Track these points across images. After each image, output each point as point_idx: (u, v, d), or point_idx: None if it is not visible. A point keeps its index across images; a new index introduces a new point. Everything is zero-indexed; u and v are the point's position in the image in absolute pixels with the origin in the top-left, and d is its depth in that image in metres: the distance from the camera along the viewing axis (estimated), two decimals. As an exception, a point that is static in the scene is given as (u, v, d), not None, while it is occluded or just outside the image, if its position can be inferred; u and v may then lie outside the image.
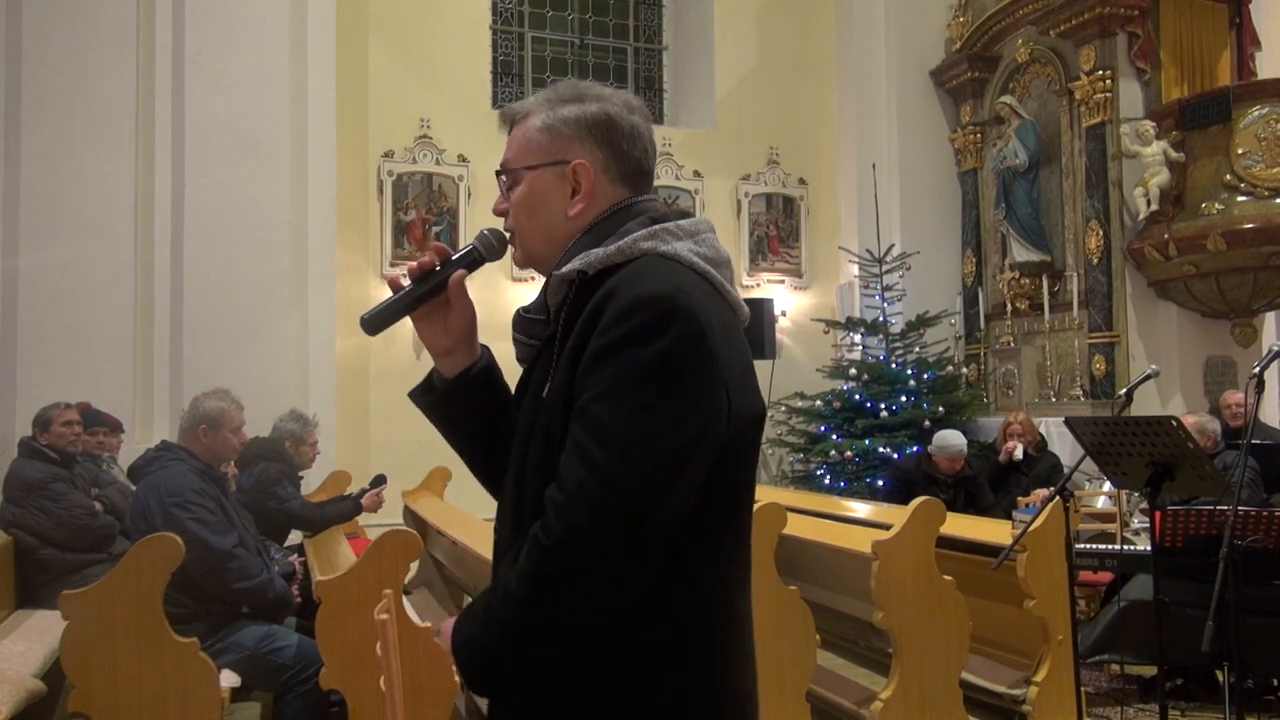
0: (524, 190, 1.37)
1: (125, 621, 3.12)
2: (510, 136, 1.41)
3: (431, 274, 1.39)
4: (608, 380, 1.18)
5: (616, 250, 1.28)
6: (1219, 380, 7.04)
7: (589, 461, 1.15)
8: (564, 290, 1.33)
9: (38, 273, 5.81)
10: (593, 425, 1.17)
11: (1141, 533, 4.79)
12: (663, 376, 1.17)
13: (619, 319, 1.19)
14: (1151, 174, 6.76)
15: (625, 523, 1.15)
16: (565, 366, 1.25)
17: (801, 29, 8.93)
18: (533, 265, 1.42)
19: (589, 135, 1.35)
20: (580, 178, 1.35)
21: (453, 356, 1.44)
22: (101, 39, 6.02)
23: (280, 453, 5.13)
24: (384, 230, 7.56)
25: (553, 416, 1.26)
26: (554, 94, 1.39)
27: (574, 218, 1.35)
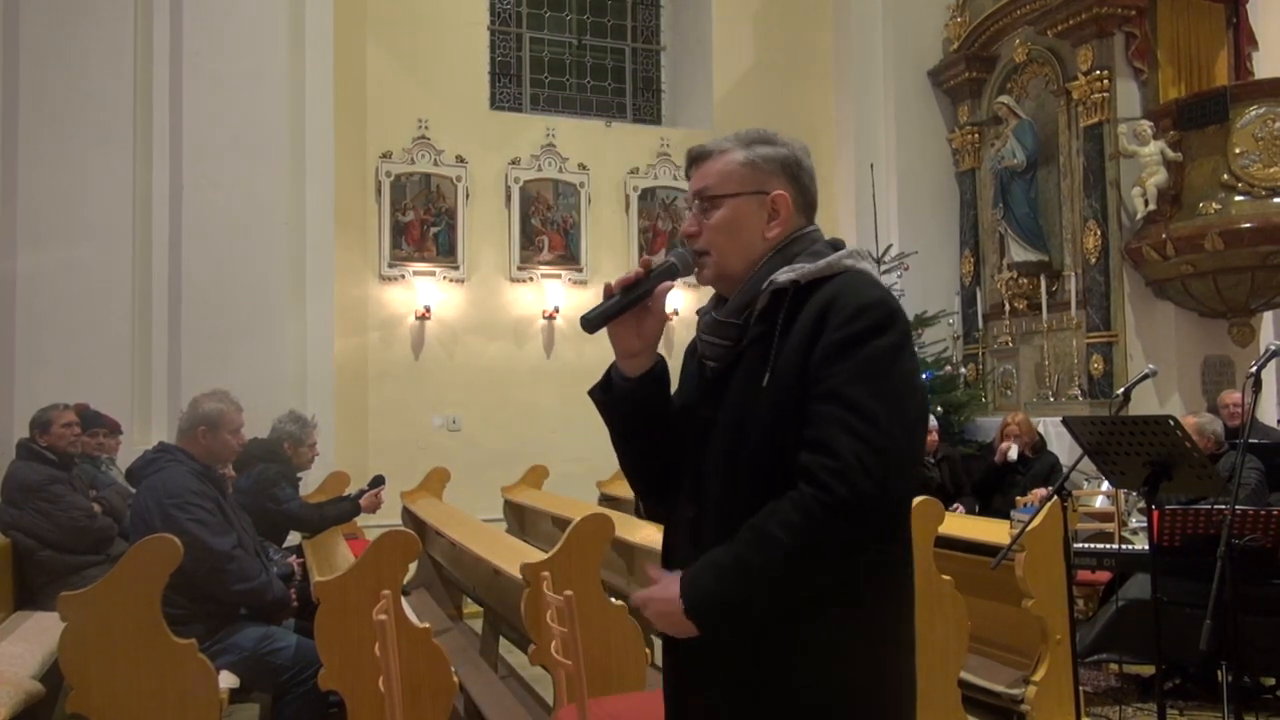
0: (726, 214, 1.60)
1: (124, 623, 3.12)
2: (704, 169, 1.63)
3: (639, 283, 1.58)
4: (855, 368, 1.42)
5: (825, 265, 1.53)
6: (1217, 380, 7.05)
7: (860, 435, 1.38)
8: (775, 298, 1.53)
9: (35, 273, 5.81)
10: (852, 405, 1.40)
11: (1139, 532, 4.79)
12: (896, 364, 1.44)
13: (853, 317, 1.44)
14: (1149, 174, 6.77)
15: (894, 485, 1.40)
16: (792, 358, 1.47)
17: (799, 29, 8.94)
18: (720, 281, 1.63)
19: (783, 172, 1.62)
20: (779, 206, 1.60)
21: (638, 359, 1.63)
22: (99, 39, 6.02)
23: (279, 454, 5.12)
24: (382, 231, 7.56)
25: (778, 400, 1.47)
26: (746, 136, 1.63)
27: (769, 240, 1.60)
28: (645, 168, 8.39)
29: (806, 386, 1.45)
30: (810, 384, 1.44)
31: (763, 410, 1.49)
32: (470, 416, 7.70)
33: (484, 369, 7.77)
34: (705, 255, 1.61)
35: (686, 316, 8.22)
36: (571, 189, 8.11)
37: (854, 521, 1.38)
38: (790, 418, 1.45)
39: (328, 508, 5.27)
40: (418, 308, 7.55)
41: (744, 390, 1.52)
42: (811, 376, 1.44)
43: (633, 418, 1.66)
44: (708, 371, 1.63)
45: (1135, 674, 4.72)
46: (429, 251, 7.67)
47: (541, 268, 7.98)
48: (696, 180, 1.63)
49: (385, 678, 2.40)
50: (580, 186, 8.13)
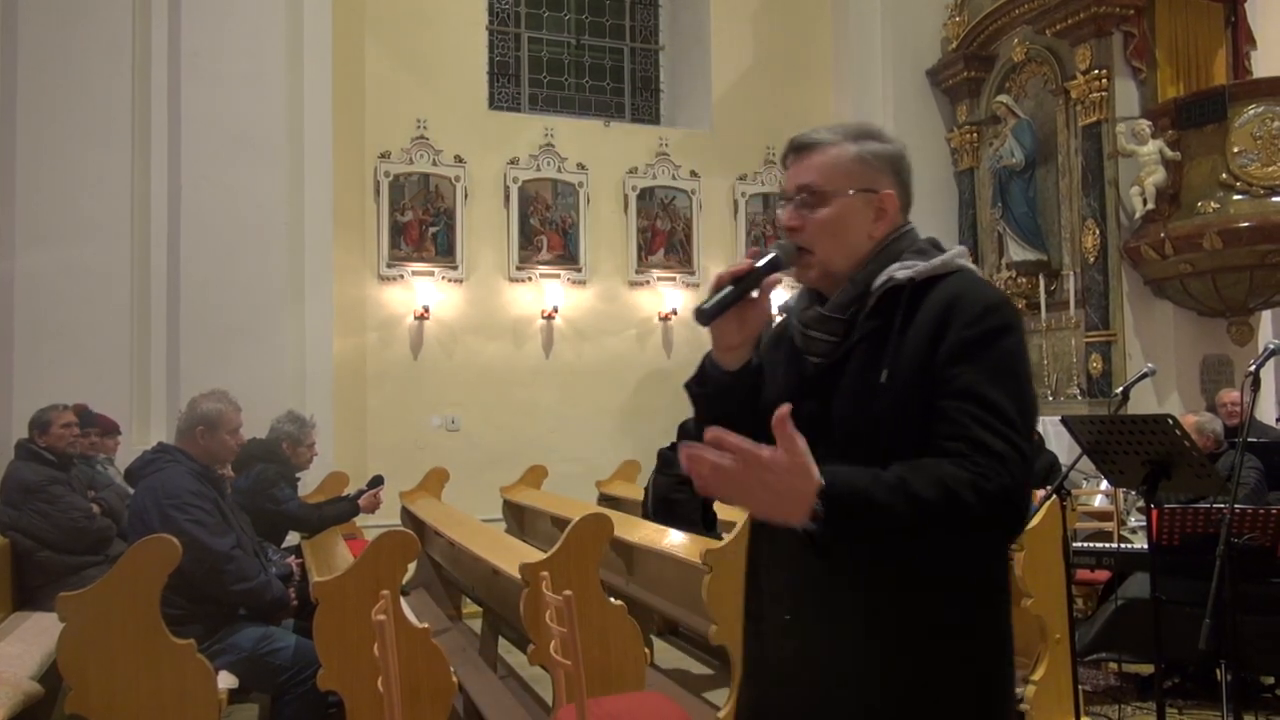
0: (834, 211, 1.56)
1: (122, 623, 3.12)
2: (809, 161, 1.59)
3: (748, 275, 1.55)
4: (989, 368, 1.43)
5: (940, 264, 1.53)
6: (1215, 379, 7.05)
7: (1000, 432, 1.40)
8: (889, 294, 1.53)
9: (34, 274, 5.81)
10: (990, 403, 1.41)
11: (1138, 531, 4.80)
12: (1021, 363, 1.48)
13: (981, 317, 1.45)
14: (1148, 173, 6.77)
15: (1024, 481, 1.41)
16: (913, 354, 1.47)
17: (798, 29, 8.94)
18: (822, 279, 1.60)
19: (890, 169, 1.60)
20: (886, 205, 1.58)
21: (737, 351, 1.61)
22: (97, 39, 6.02)
23: (277, 454, 5.12)
24: (380, 231, 7.56)
25: (900, 395, 1.46)
26: (855, 130, 1.61)
27: (874, 239, 1.58)
28: (644, 167, 8.39)
29: (930, 383, 1.45)
30: (939, 381, 1.45)
31: (881, 405, 1.48)
32: (469, 416, 7.70)
33: (483, 369, 7.77)
34: (808, 252, 1.58)
35: (686, 317, 8.23)
36: (570, 189, 8.11)
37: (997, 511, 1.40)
38: (909, 413, 1.46)
39: (326, 508, 5.27)
40: (416, 308, 7.55)
41: (858, 386, 1.51)
42: (940, 373, 1.45)
43: (729, 411, 1.58)
44: (808, 367, 1.60)
45: (1134, 673, 4.72)
46: (428, 251, 7.67)
47: (540, 267, 7.98)
48: (801, 172, 1.59)
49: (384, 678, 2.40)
50: (579, 186, 8.13)
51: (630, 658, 3.46)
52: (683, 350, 8.25)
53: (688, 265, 8.42)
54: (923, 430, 1.45)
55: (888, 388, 1.47)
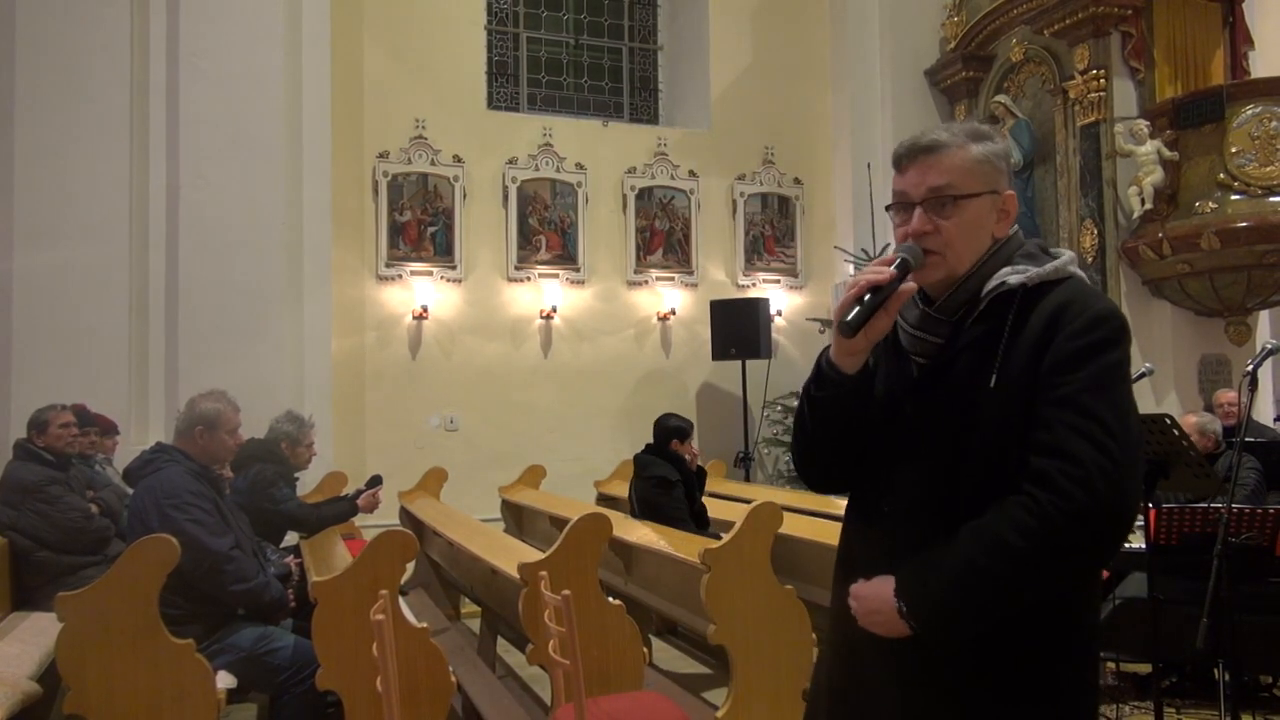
0: (969, 214, 1.56)
1: (121, 623, 3.12)
2: (936, 164, 1.56)
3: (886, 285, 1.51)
4: (1092, 378, 1.43)
5: (1053, 270, 1.52)
6: (1213, 379, 7.06)
7: (1099, 445, 1.39)
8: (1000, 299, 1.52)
9: (32, 274, 5.80)
10: (1091, 413, 1.41)
11: (1136, 530, 4.80)
12: (1125, 377, 1.47)
13: (1090, 327, 1.45)
14: (1145, 173, 6.78)
15: (1131, 495, 1.41)
16: (1022, 361, 1.47)
17: (796, 29, 8.94)
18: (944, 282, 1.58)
19: (1007, 169, 1.61)
20: (1009, 206, 1.60)
21: (858, 357, 1.57)
22: (96, 39, 6.01)
23: (276, 454, 5.12)
24: (379, 231, 7.55)
25: (1008, 402, 1.46)
26: (971, 131, 1.60)
27: (997, 239, 1.58)
28: (642, 167, 8.39)
29: (1035, 390, 1.45)
30: (1041, 388, 1.45)
31: (989, 411, 1.48)
32: (468, 416, 7.70)
33: (481, 369, 7.77)
34: (935, 254, 1.56)
35: (684, 317, 8.24)
36: (569, 189, 8.11)
37: (1095, 528, 1.39)
38: (1016, 420, 1.45)
39: (325, 508, 5.27)
40: (415, 307, 7.55)
41: (966, 390, 1.51)
42: (1043, 381, 1.45)
43: (844, 413, 1.61)
44: (913, 369, 1.60)
45: (1132, 672, 4.72)
46: (426, 251, 7.67)
47: (539, 267, 7.99)
48: (926, 175, 1.56)
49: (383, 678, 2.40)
50: (578, 186, 8.14)
51: (629, 657, 3.47)
52: (681, 350, 8.26)
53: (686, 265, 8.42)
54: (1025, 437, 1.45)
55: (995, 394, 1.47)
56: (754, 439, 8.15)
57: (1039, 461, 1.41)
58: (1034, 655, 1.47)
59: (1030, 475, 1.42)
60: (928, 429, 1.53)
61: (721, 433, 8.19)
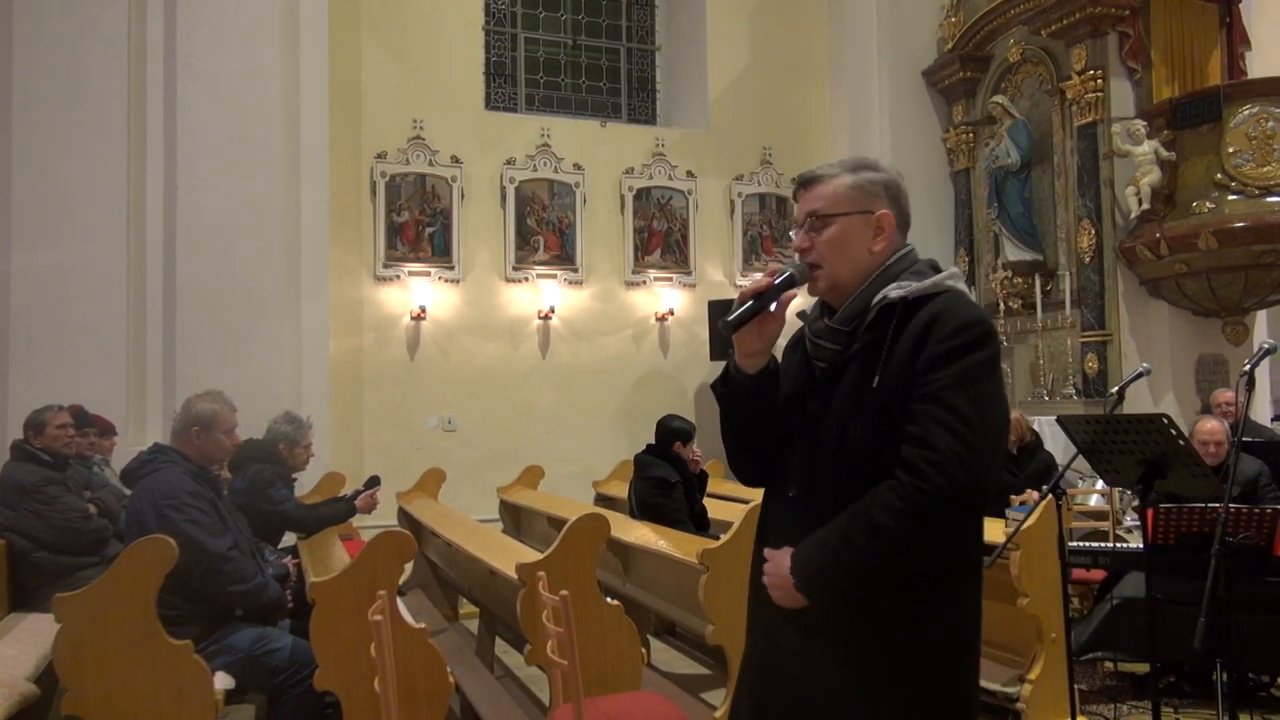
0: (836, 231, 1.80)
1: (119, 624, 3.11)
2: (814, 192, 1.84)
3: (767, 292, 1.77)
4: (954, 376, 1.63)
5: (931, 284, 1.73)
6: (1210, 378, 7.07)
7: (955, 433, 1.60)
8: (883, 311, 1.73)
9: (29, 274, 5.80)
10: (951, 407, 1.61)
11: (1134, 530, 4.81)
12: (990, 375, 1.66)
13: (957, 332, 1.65)
14: (1143, 173, 6.79)
15: (981, 477, 1.61)
16: (900, 365, 1.67)
17: (794, 29, 8.95)
18: (831, 292, 1.82)
19: (885, 193, 1.83)
20: (883, 224, 1.81)
21: (757, 358, 1.83)
22: (93, 41, 6.01)
23: (274, 454, 5.12)
24: (377, 231, 7.55)
25: (886, 401, 1.67)
26: (852, 162, 1.85)
27: (875, 254, 1.80)
28: (640, 167, 8.39)
29: (910, 390, 1.66)
30: (914, 388, 1.65)
31: (870, 409, 1.69)
32: (466, 417, 7.70)
33: (479, 369, 7.77)
34: (818, 268, 1.81)
35: (682, 317, 8.24)
36: (567, 189, 8.11)
37: (948, 507, 1.61)
38: (894, 417, 1.66)
39: (323, 508, 5.26)
40: (413, 308, 7.55)
41: (853, 391, 1.73)
42: (915, 382, 1.65)
43: (750, 409, 1.86)
44: (816, 371, 1.82)
45: (1130, 672, 4.73)
46: (424, 252, 7.67)
47: (537, 268, 7.98)
48: (807, 202, 1.85)
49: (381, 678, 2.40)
50: (575, 186, 8.13)
51: (627, 658, 3.46)
52: (679, 351, 8.26)
53: (684, 265, 8.42)
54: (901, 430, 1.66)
55: (877, 394, 1.69)
56: (752, 439, 8.13)
57: (906, 450, 1.63)
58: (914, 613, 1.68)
59: (900, 463, 1.63)
60: (824, 425, 1.75)
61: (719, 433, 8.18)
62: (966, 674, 1.78)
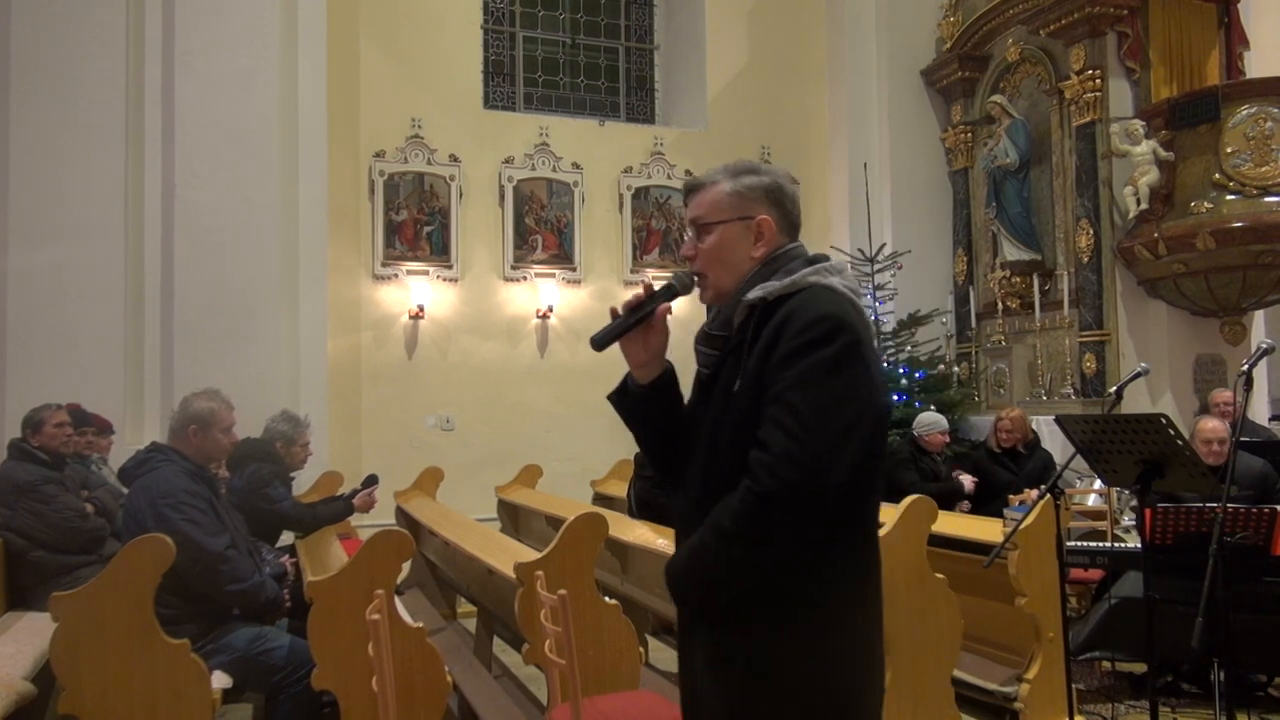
0: (716, 239, 1.80)
1: (116, 623, 3.11)
2: (697, 200, 1.82)
3: (641, 305, 1.78)
4: (797, 375, 1.59)
5: (789, 283, 1.70)
6: (1208, 378, 7.07)
7: (790, 433, 1.55)
8: (747, 312, 1.72)
9: (27, 273, 5.79)
10: (789, 407, 1.57)
11: (1132, 530, 4.81)
12: (837, 373, 1.59)
13: (802, 331, 1.61)
14: (1141, 173, 6.79)
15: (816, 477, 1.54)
16: (754, 367, 1.65)
17: (792, 29, 8.95)
18: (719, 298, 1.81)
19: (767, 198, 1.80)
20: (763, 229, 1.79)
21: (647, 368, 1.84)
22: (91, 38, 6.00)
23: (271, 454, 5.11)
24: (375, 230, 7.55)
25: (745, 403, 1.65)
26: (734, 168, 1.82)
27: (756, 259, 1.78)
28: (639, 167, 8.39)
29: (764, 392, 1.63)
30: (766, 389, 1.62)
31: (732, 413, 1.68)
32: (464, 416, 7.70)
33: (477, 368, 7.77)
34: (703, 276, 1.81)
35: (681, 316, 8.23)
36: (565, 188, 8.11)
37: (782, 510, 1.55)
38: (752, 420, 1.63)
39: (321, 507, 5.26)
40: (411, 307, 7.54)
41: (721, 395, 1.73)
42: (766, 383, 1.63)
43: (648, 419, 1.87)
44: (702, 377, 1.83)
45: (1127, 671, 4.73)
46: (422, 251, 7.66)
47: (535, 267, 7.98)
48: (691, 210, 1.83)
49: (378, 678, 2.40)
50: (574, 186, 8.13)
51: (625, 657, 3.46)
52: (677, 349, 8.21)
53: (682, 265, 8.40)
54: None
55: (737, 398, 1.68)
56: (750, 439, 8.15)
57: (751, 453, 1.60)
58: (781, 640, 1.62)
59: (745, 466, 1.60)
60: (703, 431, 1.75)
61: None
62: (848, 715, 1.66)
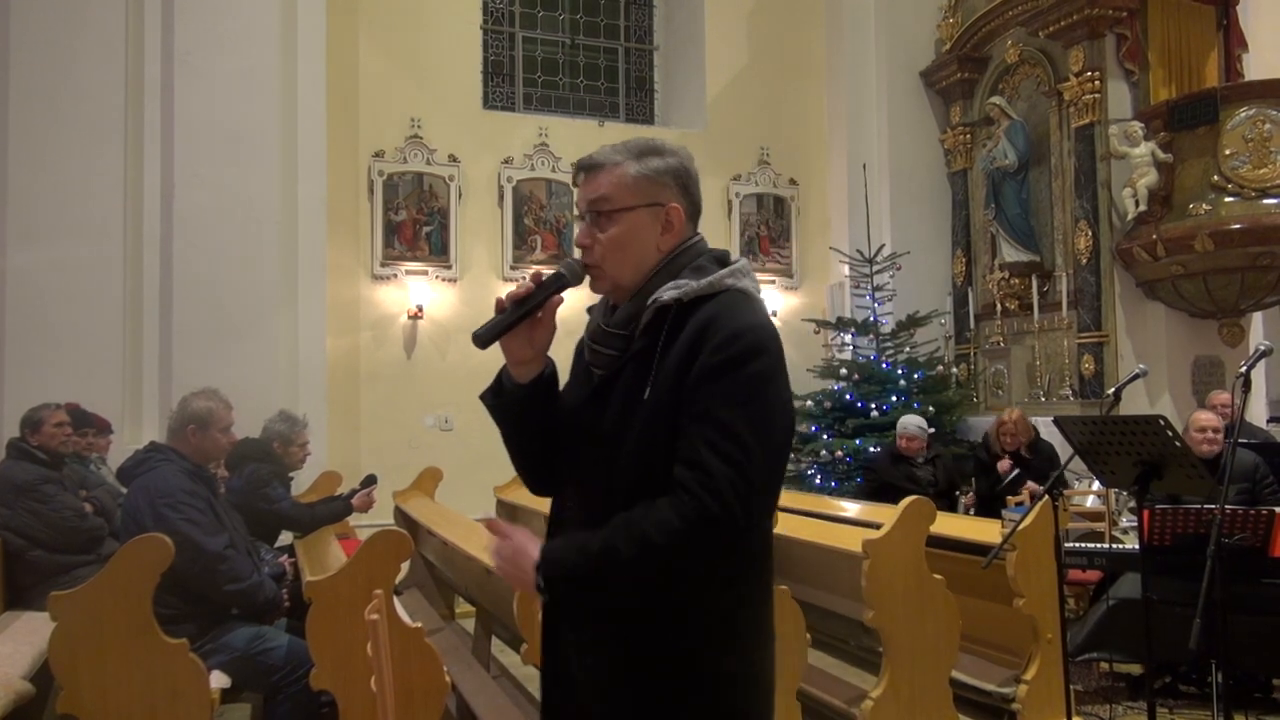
0: (621, 229, 1.63)
1: (114, 623, 3.11)
2: (594, 181, 1.65)
3: (529, 297, 1.63)
4: (728, 392, 1.49)
5: (706, 285, 1.58)
6: (1207, 380, 7.08)
7: (729, 459, 1.47)
8: (656, 314, 1.60)
9: (25, 273, 5.78)
10: (725, 428, 1.48)
11: (1130, 531, 4.81)
12: (766, 390, 1.52)
13: (727, 343, 1.51)
14: (1140, 175, 6.80)
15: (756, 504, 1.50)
16: (670, 375, 1.54)
17: (792, 29, 8.95)
18: (614, 291, 1.68)
19: (675, 183, 1.66)
20: (673, 218, 1.65)
21: (529, 366, 1.69)
22: (90, 38, 5.99)
23: (270, 453, 5.11)
24: (374, 230, 7.55)
25: (656, 413, 1.54)
26: (636, 147, 1.67)
27: (662, 251, 1.65)
28: (638, 167, 8.38)
29: (681, 403, 1.52)
30: (685, 402, 1.52)
31: (640, 421, 1.56)
32: (462, 416, 7.69)
33: (476, 368, 7.72)
34: (595, 267, 1.66)
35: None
36: (564, 188, 8.11)
37: (719, 534, 1.48)
38: (664, 430, 1.53)
39: (319, 507, 5.26)
40: (410, 307, 7.54)
41: (625, 400, 1.59)
42: (686, 395, 1.52)
43: (523, 419, 1.72)
44: (594, 378, 1.68)
45: (1125, 673, 4.73)
46: (421, 251, 7.66)
47: (535, 267, 7.98)
48: (588, 190, 1.66)
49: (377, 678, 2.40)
50: (573, 186, 8.12)
51: (623, 657, 3.46)
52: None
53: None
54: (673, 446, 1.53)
55: (647, 406, 1.55)
56: (749, 439, 8.15)
57: (679, 471, 1.49)
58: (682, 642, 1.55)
59: (673, 483, 1.49)
60: (597, 435, 1.61)
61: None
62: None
